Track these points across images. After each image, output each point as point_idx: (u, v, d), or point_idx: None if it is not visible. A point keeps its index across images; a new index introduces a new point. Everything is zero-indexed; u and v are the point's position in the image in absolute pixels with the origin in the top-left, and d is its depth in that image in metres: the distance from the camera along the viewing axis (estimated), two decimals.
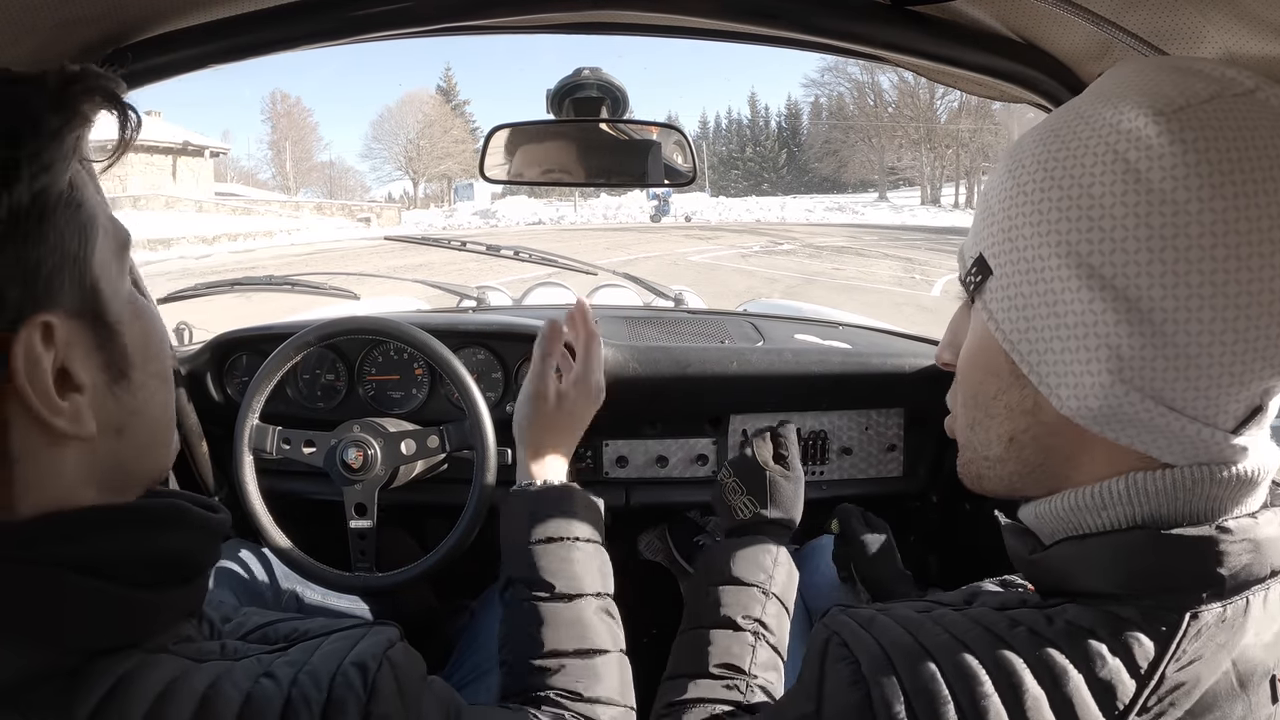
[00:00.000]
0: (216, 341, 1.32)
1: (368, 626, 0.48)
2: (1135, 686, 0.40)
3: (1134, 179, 0.40)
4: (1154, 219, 0.39)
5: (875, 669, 0.43)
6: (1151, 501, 0.43)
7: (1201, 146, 0.39)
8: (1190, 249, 0.39)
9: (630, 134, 1.17)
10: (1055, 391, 0.44)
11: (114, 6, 0.67)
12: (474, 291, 1.92)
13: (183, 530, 0.43)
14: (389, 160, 51.18)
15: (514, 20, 0.84)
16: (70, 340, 0.39)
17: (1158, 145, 0.39)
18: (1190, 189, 0.38)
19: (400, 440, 1.10)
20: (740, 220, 29.25)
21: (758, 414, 1.32)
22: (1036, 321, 0.44)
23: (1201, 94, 0.40)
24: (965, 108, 41.08)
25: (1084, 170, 0.42)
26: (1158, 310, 0.40)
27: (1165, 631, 0.41)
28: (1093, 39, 0.75)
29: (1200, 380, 0.40)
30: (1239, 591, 0.42)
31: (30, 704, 0.36)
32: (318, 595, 1.17)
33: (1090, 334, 0.42)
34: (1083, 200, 0.41)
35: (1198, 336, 0.39)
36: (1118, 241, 0.40)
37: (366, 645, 0.45)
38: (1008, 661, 0.41)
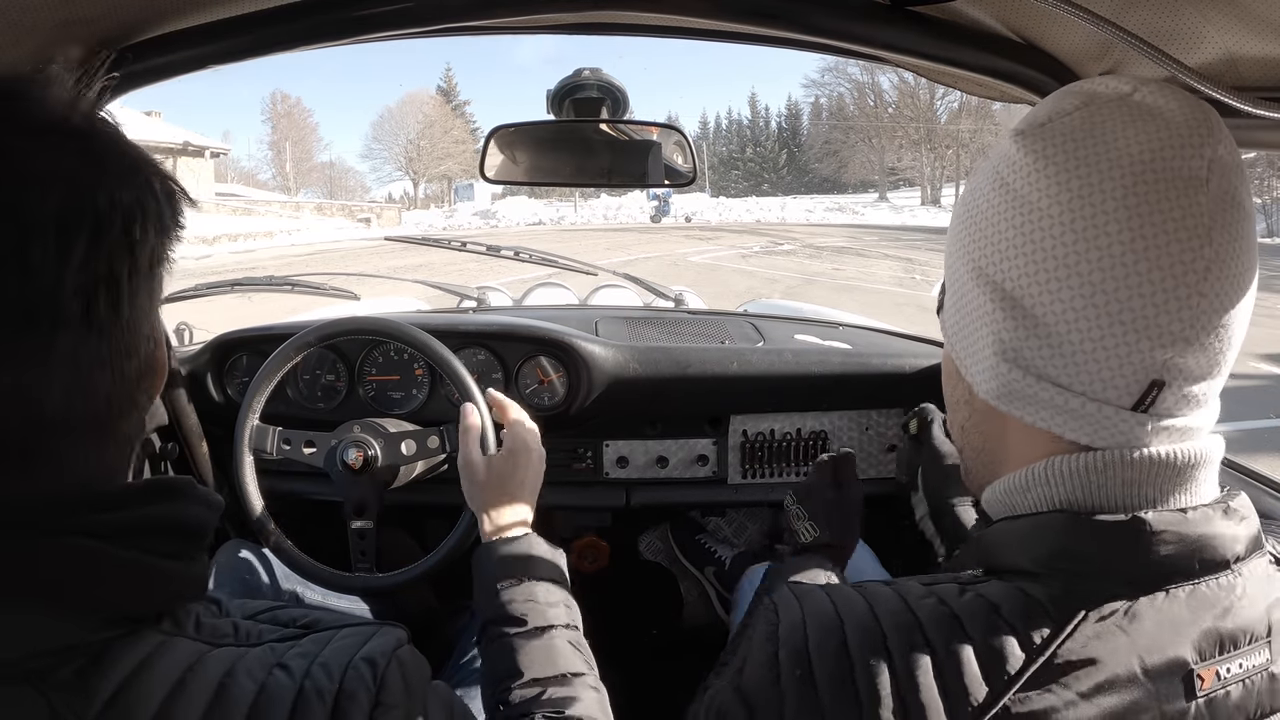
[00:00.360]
0: (217, 342, 1.32)
1: (378, 625, 0.49)
2: (1024, 659, 0.42)
3: (1005, 191, 0.47)
4: (1017, 219, 0.46)
5: (789, 630, 0.48)
6: (1068, 483, 0.46)
7: (1051, 153, 0.45)
8: (1045, 239, 0.45)
9: (630, 134, 1.17)
10: (971, 375, 0.51)
11: (114, 7, 0.67)
12: (474, 292, 1.92)
13: (190, 501, 0.46)
14: (389, 161, 51.23)
15: (514, 20, 0.84)
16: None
17: (1019, 159, 0.47)
18: (1042, 189, 0.45)
19: (400, 441, 1.10)
20: (740, 221, 29.25)
21: (758, 414, 1.32)
22: (960, 323, 0.52)
23: (1067, 108, 0.47)
24: (965, 108, 41.06)
25: (980, 194, 0.50)
26: (1026, 296, 0.46)
27: (1064, 614, 0.43)
28: (1093, 39, 0.75)
29: (1073, 354, 0.45)
30: (1155, 585, 0.43)
31: (53, 686, 0.37)
32: (318, 595, 1.17)
33: (983, 325, 0.49)
34: (978, 218, 0.50)
35: (1061, 314, 0.45)
36: (995, 245, 0.48)
37: (377, 643, 0.47)
38: (907, 626, 0.45)
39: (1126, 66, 0.79)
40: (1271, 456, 3.92)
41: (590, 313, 1.67)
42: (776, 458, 1.33)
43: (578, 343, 1.27)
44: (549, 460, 1.32)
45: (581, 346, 1.27)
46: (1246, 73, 0.69)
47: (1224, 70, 0.69)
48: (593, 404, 1.27)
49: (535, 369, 1.30)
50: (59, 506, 0.40)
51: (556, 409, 1.29)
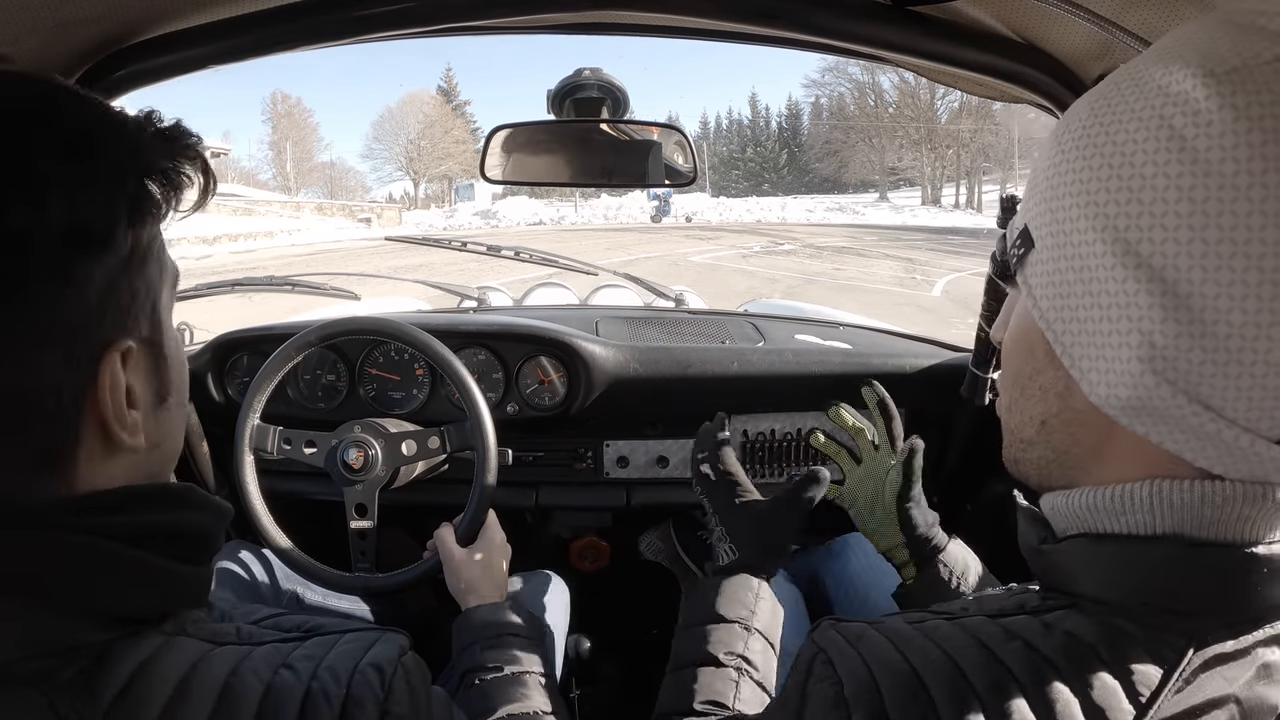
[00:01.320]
0: (217, 342, 1.32)
1: (381, 631, 0.50)
2: (1134, 713, 0.38)
3: (1178, 147, 0.36)
4: (1198, 193, 0.35)
5: (858, 693, 0.41)
6: (1177, 514, 0.39)
7: (1255, 114, 0.34)
8: (1236, 229, 0.34)
9: (631, 134, 1.17)
10: (1086, 376, 0.41)
11: (114, 7, 0.67)
12: (474, 292, 1.92)
13: (198, 509, 0.47)
14: (389, 161, 51.23)
15: (514, 20, 0.84)
16: (137, 364, 0.44)
17: (1206, 110, 0.35)
18: (1240, 160, 0.34)
19: (401, 441, 1.10)
20: (741, 220, 29.23)
21: (758, 414, 1.32)
22: (1072, 300, 0.40)
23: (1263, 54, 0.35)
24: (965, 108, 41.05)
25: (1127, 136, 0.38)
26: (1196, 295, 0.36)
27: (1171, 657, 0.38)
28: (1093, 39, 0.75)
29: (1242, 378, 0.36)
30: (1256, 625, 0.39)
31: (56, 687, 0.37)
32: (318, 596, 1.17)
33: (1124, 316, 0.38)
34: (1124, 169, 0.37)
35: (1240, 328, 0.35)
36: (1157, 216, 0.36)
37: (382, 649, 0.47)
38: (1002, 683, 0.39)
39: None
40: None
41: (590, 313, 1.67)
42: (776, 458, 1.33)
43: (578, 343, 1.27)
44: (549, 460, 1.33)
45: (582, 346, 1.27)
46: None
47: None
48: (593, 404, 1.27)
49: (535, 369, 1.30)
50: (60, 506, 0.40)
51: (556, 409, 1.29)
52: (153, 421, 0.45)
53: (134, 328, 0.43)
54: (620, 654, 1.54)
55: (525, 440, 1.28)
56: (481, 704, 0.76)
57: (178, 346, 0.49)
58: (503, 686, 0.78)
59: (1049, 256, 0.42)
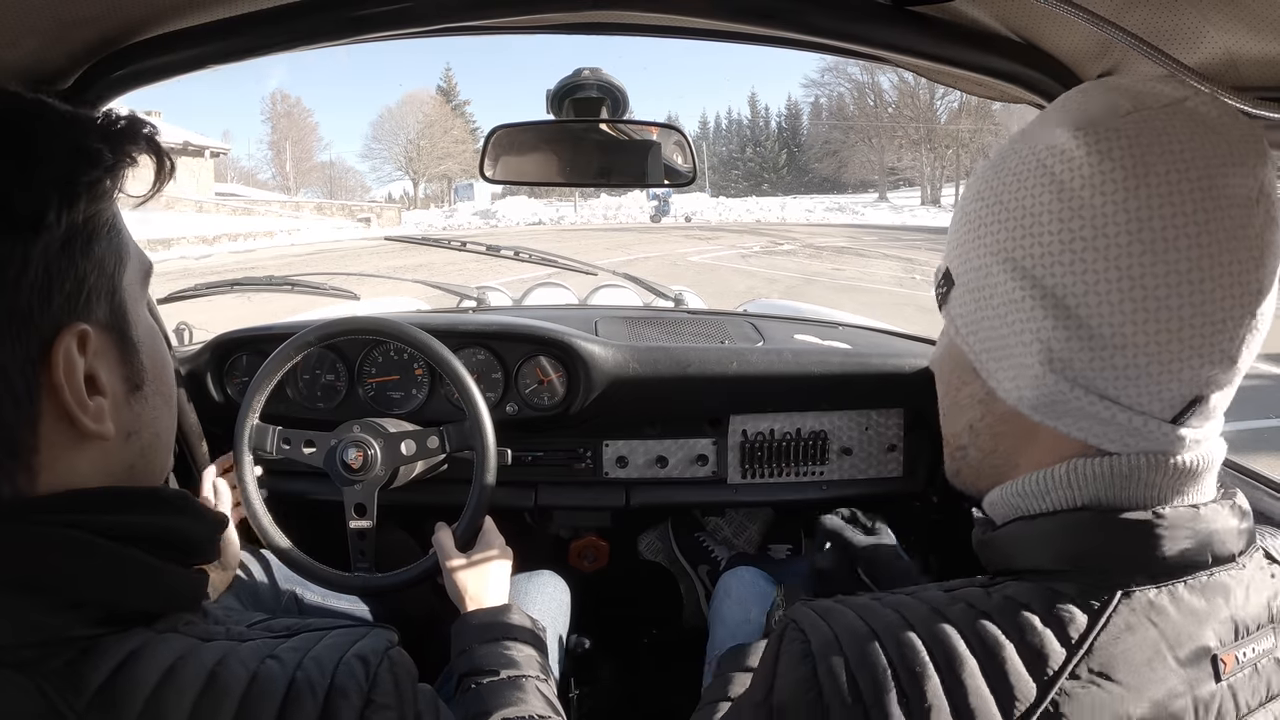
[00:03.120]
0: (216, 341, 1.32)
1: (368, 626, 0.50)
2: (1065, 654, 0.43)
3: (1058, 188, 0.44)
4: (1074, 223, 0.44)
5: (823, 647, 0.46)
6: (1091, 486, 0.46)
7: (1116, 155, 0.43)
8: (1108, 248, 0.43)
9: (630, 134, 1.16)
10: (1001, 383, 0.49)
11: (114, 7, 0.67)
12: (474, 292, 1.92)
13: (189, 516, 0.47)
14: (389, 160, 51.18)
15: (514, 20, 0.84)
16: (99, 350, 0.44)
17: (1077, 157, 0.44)
18: (1106, 194, 0.43)
19: (400, 440, 1.10)
20: (740, 220, 29.23)
21: (758, 414, 1.32)
22: (984, 321, 0.49)
23: (1123, 108, 0.44)
24: (965, 108, 41.04)
25: (1019, 184, 0.46)
26: (1081, 305, 0.44)
27: (1097, 606, 0.44)
28: (1093, 39, 0.75)
29: (1127, 369, 0.44)
30: (1175, 575, 0.45)
31: (44, 674, 0.37)
32: (317, 596, 1.17)
33: (1024, 329, 0.46)
34: (1016, 211, 0.46)
35: (1119, 327, 0.43)
36: (1045, 245, 0.45)
37: (368, 642, 0.47)
38: (944, 634, 0.44)
39: (1126, 66, 0.79)
40: (1271, 456, 3.92)
41: (590, 313, 1.67)
42: (776, 458, 1.33)
43: (577, 342, 1.27)
44: (548, 460, 1.32)
45: (581, 346, 1.27)
46: (1246, 73, 0.69)
47: (1224, 70, 0.69)
48: (592, 404, 1.27)
49: (535, 369, 1.30)
50: (53, 502, 0.41)
51: (556, 409, 1.29)
52: (126, 410, 0.45)
53: (88, 312, 0.43)
54: (619, 654, 1.54)
55: (524, 440, 1.28)
56: (478, 707, 0.77)
57: (152, 334, 0.48)
58: (499, 690, 0.79)
59: (964, 289, 0.50)
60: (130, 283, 0.46)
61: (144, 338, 0.47)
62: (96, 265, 0.43)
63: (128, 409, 0.45)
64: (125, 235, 0.46)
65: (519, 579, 1.15)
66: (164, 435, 0.50)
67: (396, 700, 0.45)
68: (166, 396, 0.50)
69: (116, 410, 0.44)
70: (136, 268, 0.47)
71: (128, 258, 0.46)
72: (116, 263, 0.45)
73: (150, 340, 0.48)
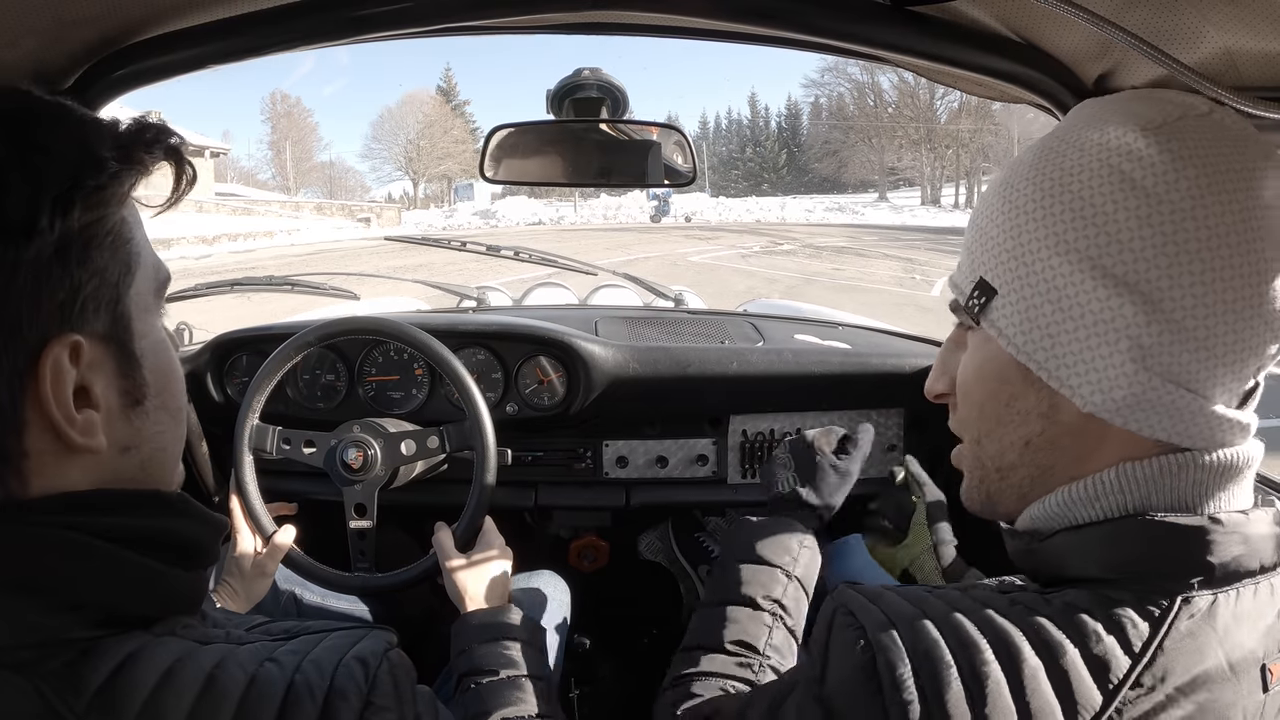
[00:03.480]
0: (216, 342, 1.32)
1: (368, 628, 0.50)
2: (1129, 663, 0.42)
3: (1130, 186, 0.45)
4: (1154, 219, 0.44)
5: (879, 633, 0.45)
6: (1142, 489, 0.46)
7: (1185, 154, 0.44)
8: (1189, 242, 0.43)
9: (630, 134, 1.16)
10: (1077, 390, 0.47)
11: (114, 7, 0.67)
12: (474, 292, 1.92)
13: (190, 518, 0.46)
14: (389, 160, 51.19)
15: (514, 20, 0.84)
16: (94, 362, 0.42)
17: (1148, 156, 0.45)
18: (1181, 191, 0.44)
19: (400, 440, 1.10)
20: (740, 220, 29.24)
21: (758, 414, 1.32)
22: (1052, 328, 0.47)
23: (1172, 114, 0.46)
24: (965, 108, 41.08)
25: (1083, 185, 0.46)
26: (1167, 299, 0.44)
27: (1158, 614, 0.43)
28: (1093, 39, 0.75)
29: (1209, 360, 0.44)
30: (1229, 582, 0.44)
31: (42, 675, 0.37)
32: (317, 596, 1.18)
33: (1109, 329, 0.45)
34: (1086, 211, 0.46)
35: (1205, 320, 0.44)
36: (1125, 243, 0.45)
37: (367, 644, 0.47)
38: (1006, 632, 0.43)
39: (1126, 66, 0.79)
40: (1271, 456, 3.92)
41: (590, 313, 1.67)
42: None
43: (577, 342, 1.27)
44: (548, 460, 1.32)
45: (581, 346, 1.27)
46: (1246, 72, 0.69)
47: (1224, 70, 0.69)
48: (592, 404, 1.27)
49: (535, 369, 1.30)
50: (52, 503, 0.41)
51: (556, 409, 1.29)
52: (123, 424, 0.44)
53: (83, 322, 0.42)
54: (619, 653, 1.54)
55: (524, 440, 1.28)
56: (477, 707, 0.77)
57: (160, 348, 0.47)
58: (498, 690, 0.79)
59: (1019, 297, 0.48)
60: (139, 293, 0.45)
61: (149, 351, 0.46)
62: (96, 274, 0.42)
63: (125, 423, 0.44)
64: (136, 244, 0.45)
65: (519, 579, 1.15)
66: (169, 450, 0.48)
67: (396, 702, 0.45)
68: (173, 411, 0.48)
69: (111, 424, 0.43)
70: (148, 278, 0.46)
71: (137, 267, 0.45)
72: (122, 272, 0.44)
73: (157, 354, 0.47)
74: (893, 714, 0.42)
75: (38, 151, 0.40)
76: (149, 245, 0.47)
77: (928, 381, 0.59)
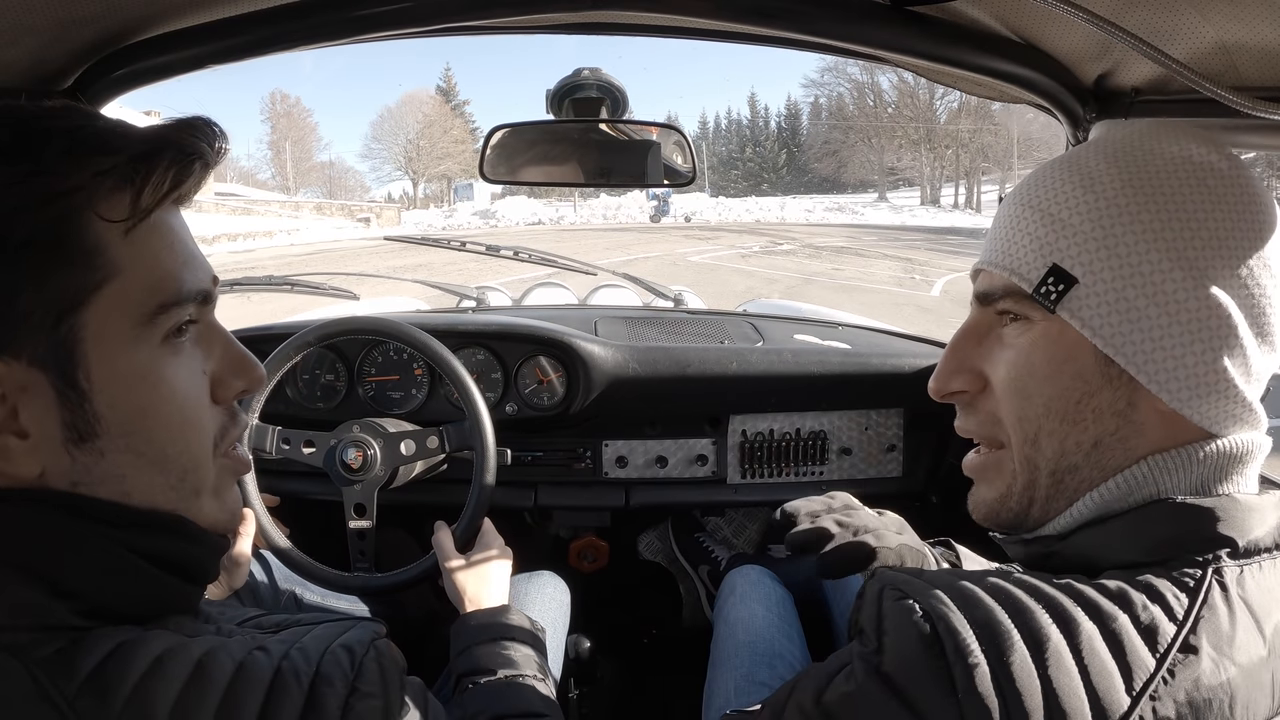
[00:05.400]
0: None
1: (356, 620, 0.50)
2: (1174, 629, 0.43)
3: (1215, 197, 0.48)
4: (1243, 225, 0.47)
5: (936, 603, 0.45)
6: (1171, 478, 0.48)
7: (1250, 175, 0.49)
8: (1266, 242, 0.48)
9: (630, 134, 1.17)
10: (1165, 386, 0.48)
11: (114, 6, 0.67)
12: (474, 292, 1.92)
13: (185, 540, 0.46)
14: (389, 160, 51.14)
15: (514, 20, 0.84)
16: (24, 387, 0.40)
17: (1229, 174, 0.48)
18: (1256, 203, 0.48)
19: (400, 440, 1.10)
20: (740, 220, 29.25)
21: (757, 414, 1.32)
22: (1144, 322, 0.48)
23: (1229, 149, 0.50)
24: (965, 108, 41.06)
25: (1174, 189, 0.48)
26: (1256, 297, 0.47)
27: (1192, 584, 0.45)
28: (1093, 39, 0.75)
29: (1272, 353, 0.49)
30: (1250, 555, 0.47)
31: (35, 660, 0.38)
32: (316, 596, 1.17)
33: (1203, 327, 0.47)
34: (1180, 214, 0.47)
35: (1276, 325, 0.48)
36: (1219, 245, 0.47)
37: (355, 634, 0.47)
38: (1058, 600, 0.44)
39: (1126, 66, 0.79)
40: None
41: (590, 313, 1.67)
42: (776, 458, 1.33)
43: (577, 342, 1.27)
44: (548, 460, 1.32)
45: (581, 346, 1.27)
46: (1246, 73, 0.69)
47: (1223, 70, 0.69)
48: (592, 404, 1.27)
49: (534, 369, 1.30)
50: (55, 497, 0.41)
51: (556, 409, 1.29)
52: (64, 458, 0.41)
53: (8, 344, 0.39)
54: (619, 654, 1.54)
55: (524, 440, 1.28)
56: (476, 707, 0.77)
57: (136, 383, 0.42)
58: (498, 690, 0.79)
59: (1109, 289, 0.48)
60: (103, 322, 0.41)
61: (108, 383, 0.41)
62: (35, 293, 0.39)
63: (68, 458, 0.41)
64: (112, 263, 0.41)
65: (519, 579, 1.15)
66: (138, 495, 0.43)
67: (382, 689, 0.45)
68: (148, 456, 0.43)
69: (49, 456, 0.41)
70: (129, 300, 0.41)
71: (105, 286, 0.40)
72: (73, 295, 0.40)
73: (121, 388, 0.42)
74: (959, 680, 0.42)
75: None
76: (154, 260, 0.43)
77: (937, 379, 0.56)
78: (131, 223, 0.41)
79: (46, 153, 0.39)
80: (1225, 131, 0.76)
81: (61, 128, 0.40)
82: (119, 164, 0.41)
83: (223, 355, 0.48)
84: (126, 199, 0.41)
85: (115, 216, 0.41)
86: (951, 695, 0.42)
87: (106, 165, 0.40)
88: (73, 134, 0.40)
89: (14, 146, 0.39)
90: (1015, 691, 0.41)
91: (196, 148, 0.43)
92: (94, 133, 0.41)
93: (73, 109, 0.43)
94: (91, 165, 0.40)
